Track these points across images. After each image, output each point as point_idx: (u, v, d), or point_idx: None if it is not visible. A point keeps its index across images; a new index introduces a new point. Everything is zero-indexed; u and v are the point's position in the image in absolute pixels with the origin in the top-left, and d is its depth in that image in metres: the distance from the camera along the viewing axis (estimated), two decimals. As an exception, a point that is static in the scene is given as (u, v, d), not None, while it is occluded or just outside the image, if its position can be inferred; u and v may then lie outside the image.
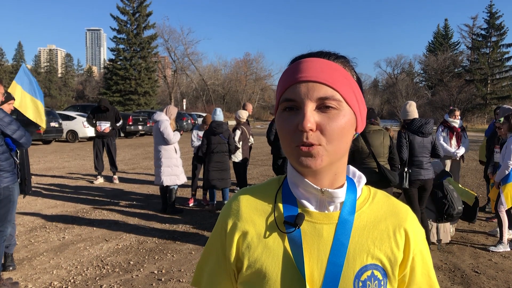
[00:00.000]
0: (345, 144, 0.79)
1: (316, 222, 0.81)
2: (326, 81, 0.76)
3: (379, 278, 0.79)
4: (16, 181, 3.72)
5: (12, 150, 3.67)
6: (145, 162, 12.73)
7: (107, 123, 9.22)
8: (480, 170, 10.90)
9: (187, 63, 56.01)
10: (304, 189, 0.83)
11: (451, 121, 6.98)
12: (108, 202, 7.39)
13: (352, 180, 0.87)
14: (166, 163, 6.50)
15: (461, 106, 43.69)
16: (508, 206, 5.08)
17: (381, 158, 4.51)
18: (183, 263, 4.52)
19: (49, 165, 11.82)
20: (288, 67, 0.82)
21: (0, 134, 3.52)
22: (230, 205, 0.89)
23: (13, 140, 3.59)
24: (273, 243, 0.81)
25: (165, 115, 6.63)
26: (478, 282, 4.18)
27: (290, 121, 0.77)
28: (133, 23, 44.86)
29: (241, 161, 7.20)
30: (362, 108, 0.83)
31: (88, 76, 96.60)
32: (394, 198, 0.90)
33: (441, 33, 67.24)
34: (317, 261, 0.79)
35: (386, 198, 0.89)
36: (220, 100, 60.95)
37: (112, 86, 44.79)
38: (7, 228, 3.68)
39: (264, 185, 0.91)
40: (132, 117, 22.70)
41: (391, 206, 0.87)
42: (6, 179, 3.58)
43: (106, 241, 5.22)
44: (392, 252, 0.81)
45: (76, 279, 4.06)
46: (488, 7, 53.35)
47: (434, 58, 58.26)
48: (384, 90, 78.62)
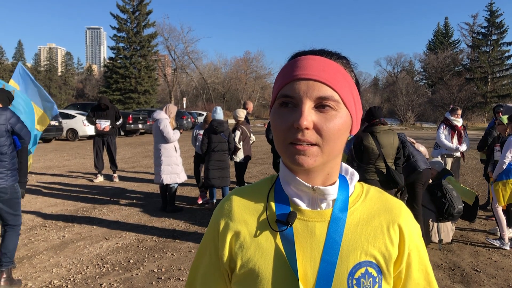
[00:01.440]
0: (340, 145, 0.78)
1: (308, 220, 0.81)
2: (326, 80, 0.75)
3: (374, 275, 0.78)
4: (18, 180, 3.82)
5: (17, 148, 3.75)
6: (145, 161, 12.73)
7: (107, 121, 9.21)
8: (480, 169, 10.90)
9: (187, 61, 56.04)
10: (296, 187, 0.82)
11: (453, 119, 6.96)
12: (108, 200, 7.38)
13: (344, 178, 0.86)
14: (166, 162, 6.50)
15: (461, 105, 43.62)
16: (499, 204, 5.11)
17: (389, 159, 4.47)
18: (183, 262, 4.52)
19: (49, 163, 11.82)
20: (288, 62, 0.81)
21: (10, 134, 3.60)
22: (222, 206, 0.89)
23: (19, 138, 3.69)
24: (265, 242, 0.81)
25: (164, 114, 6.63)
26: (478, 280, 4.18)
27: (285, 117, 0.76)
28: (133, 21, 44.81)
29: (243, 160, 7.20)
30: (358, 111, 0.82)
31: (88, 75, 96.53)
32: (388, 194, 0.90)
33: (441, 31, 67.22)
34: (310, 259, 0.78)
35: (379, 194, 0.88)
36: (220, 99, 60.92)
37: (112, 84, 44.76)
38: (20, 220, 3.82)
39: (256, 185, 0.91)
40: (132, 115, 22.68)
41: (384, 202, 0.86)
42: (12, 178, 3.67)
43: (106, 240, 5.22)
44: (387, 248, 0.80)
45: (76, 278, 4.06)
46: (489, 6, 53.35)
47: (434, 56, 58.26)
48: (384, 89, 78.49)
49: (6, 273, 3.70)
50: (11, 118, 3.62)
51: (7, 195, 3.63)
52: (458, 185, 5.54)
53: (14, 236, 3.74)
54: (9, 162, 3.61)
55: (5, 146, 3.57)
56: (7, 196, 3.63)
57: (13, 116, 3.64)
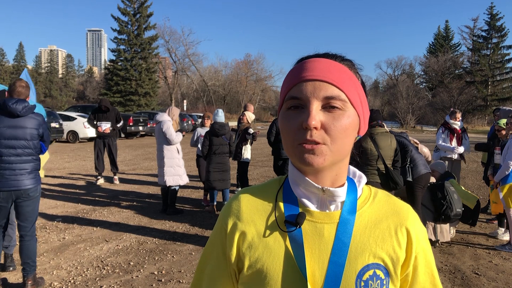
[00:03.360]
0: (348, 145, 0.79)
1: (317, 222, 0.81)
2: (332, 81, 0.76)
3: (381, 278, 0.79)
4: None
5: (42, 152, 3.89)
6: (146, 163, 12.73)
7: (108, 123, 9.21)
8: (481, 172, 10.88)
9: (188, 64, 55.99)
10: (305, 188, 0.82)
11: (452, 122, 6.98)
12: (109, 202, 7.38)
13: (352, 180, 0.87)
14: (168, 163, 6.51)
15: (461, 108, 43.64)
16: (508, 207, 5.08)
17: (388, 160, 4.50)
18: (183, 264, 4.51)
19: (49, 165, 11.82)
20: (294, 66, 0.82)
21: (39, 138, 3.76)
22: (230, 205, 0.88)
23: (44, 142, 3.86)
24: (274, 243, 0.81)
25: (167, 116, 6.66)
26: (478, 283, 4.17)
27: (294, 119, 0.77)
28: (134, 24, 44.85)
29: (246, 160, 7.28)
30: (366, 111, 0.83)
31: (89, 77, 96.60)
32: (395, 197, 0.90)
33: (441, 34, 67.21)
34: (319, 261, 0.78)
35: (387, 197, 0.88)
36: (220, 101, 60.90)
37: (113, 86, 44.78)
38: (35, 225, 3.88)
39: (264, 185, 0.91)
40: (133, 117, 22.69)
41: (392, 205, 0.87)
42: (39, 177, 3.83)
43: (106, 242, 5.21)
44: (394, 251, 0.81)
45: (76, 280, 4.06)
46: (489, 9, 53.38)
47: (434, 59, 58.23)
48: (384, 92, 78.53)
49: (32, 279, 3.73)
50: (43, 123, 3.78)
51: (37, 193, 3.78)
52: (460, 188, 5.54)
53: (34, 242, 3.79)
54: (38, 164, 3.77)
55: (37, 149, 3.73)
56: (36, 195, 3.77)
57: (44, 123, 3.82)
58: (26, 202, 3.68)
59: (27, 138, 3.61)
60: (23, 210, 3.69)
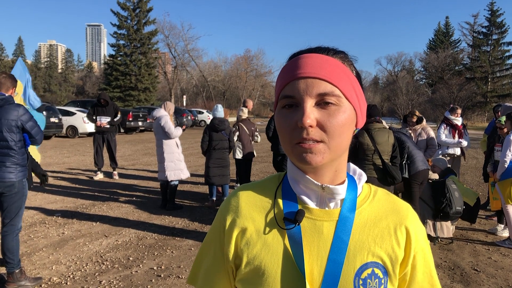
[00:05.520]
0: (346, 140, 0.78)
1: (316, 219, 0.80)
2: (325, 77, 0.75)
3: (380, 276, 0.78)
4: (27, 175, 3.83)
5: (27, 145, 3.78)
6: (145, 158, 12.72)
7: (107, 118, 9.20)
8: (480, 168, 10.89)
9: (188, 59, 55.88)
10: (305, 186, 0.82)
11: (452, 118, 6.99)
12: (108, 198, 7.38)
13: (352, 178, 0.86)
14: (169, 158, 6.49)
15: (461, 104, 43.60)
16: (507, 203, 5.08)
17: (385, 156, 4.49)
18: (183, 259, 4.52)
19: (48, 160, 11.81)
20: (286, 63, 0.81)
21: (20, 130, 3.64)
22: (229, 201, 0.88)
23: (29, 136, 3.73)
24: (272, 239, 0.80)
25: (164, 111, 6.64)
26: (477, 280, 4.18)
27: (289, 118, 0.76)
28: (134, 18, 44.72)
29: (243, 158, 7.24)
30: (362, 104, 0.82)
31: (88, 72, 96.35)
32: (395, 195, 0.90)
33: (442, 30, 67.10)
34: (317, 258, 0.78)
35: (387, 195, 0.88)
36: (220, 97, 60.85)
37: (112, 81, 44.71)
38: (19, 222, 3.76)
39: (264, 182, 0.90)
40: (132, 113, 22.66)
41: (391, 203, 0.86)
42: (21, 173, 3.69)
43: (105, 237, 5.21)
44: (393, 250, 0.80)
45: (75, 275, 4.06)
46: (489, 5, 53.23)
47: (434, 55, 58.16)
48: (384, 88, 78.42)
49: (12, 276, 3.65)
50: (23, 115, 3.64)
51: (15, 189, 3.65)
52: (461, 185, 5.53)
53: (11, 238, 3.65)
54: (18, 157, 3.64)
55: (13, 142, 3.60)
56: (15, 191, 3.65)
57: (25, 114, 3.66)
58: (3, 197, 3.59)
59: (1, 130, 3.50)
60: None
